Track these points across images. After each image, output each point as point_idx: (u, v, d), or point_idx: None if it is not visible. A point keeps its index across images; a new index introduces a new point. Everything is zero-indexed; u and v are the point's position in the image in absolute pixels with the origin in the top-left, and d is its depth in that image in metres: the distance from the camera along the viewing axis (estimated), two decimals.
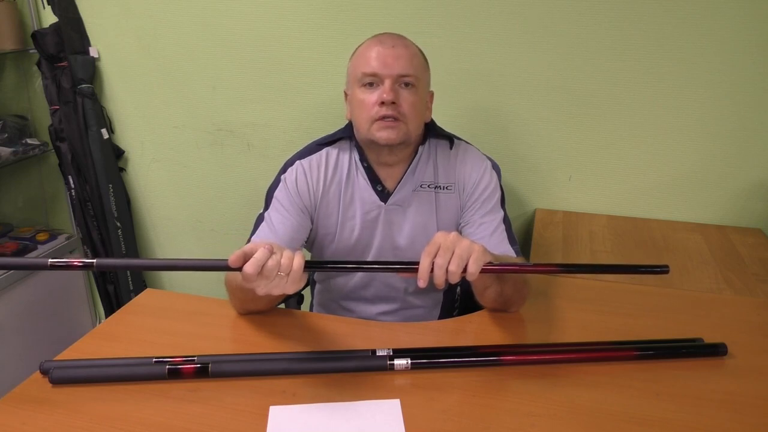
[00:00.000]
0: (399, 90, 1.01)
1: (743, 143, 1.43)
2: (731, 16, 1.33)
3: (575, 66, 1.45)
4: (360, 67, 1.03)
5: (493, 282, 0.92)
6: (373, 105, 1.01)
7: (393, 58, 1.00)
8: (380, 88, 1.01)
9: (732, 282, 1.19)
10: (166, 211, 1.96)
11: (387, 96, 0.99)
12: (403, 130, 1.02)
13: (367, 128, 1.03)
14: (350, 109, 1.08)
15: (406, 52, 1.02)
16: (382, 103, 1.00)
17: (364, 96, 1.03)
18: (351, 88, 1.07)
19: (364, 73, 1.02)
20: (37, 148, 1.90)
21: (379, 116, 1.01)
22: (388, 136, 1.02)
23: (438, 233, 0.80)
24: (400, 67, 1.01)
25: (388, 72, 1.00)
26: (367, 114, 1.02)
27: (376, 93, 1.01)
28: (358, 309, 1.20)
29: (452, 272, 0.76)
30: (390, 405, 0.77)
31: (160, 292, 1.13)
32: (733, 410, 0.77)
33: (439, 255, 0.77)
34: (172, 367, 0.82)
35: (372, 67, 1.01)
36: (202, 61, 1.70)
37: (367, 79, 1.02)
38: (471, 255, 0.77)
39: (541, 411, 0.76)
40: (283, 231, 1.06)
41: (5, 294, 1.78)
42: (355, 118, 1.06)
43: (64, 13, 1.71)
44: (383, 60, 1.00)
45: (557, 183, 1.58)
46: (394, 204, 1.11)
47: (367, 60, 1.02)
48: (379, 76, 1.01)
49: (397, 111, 1.01)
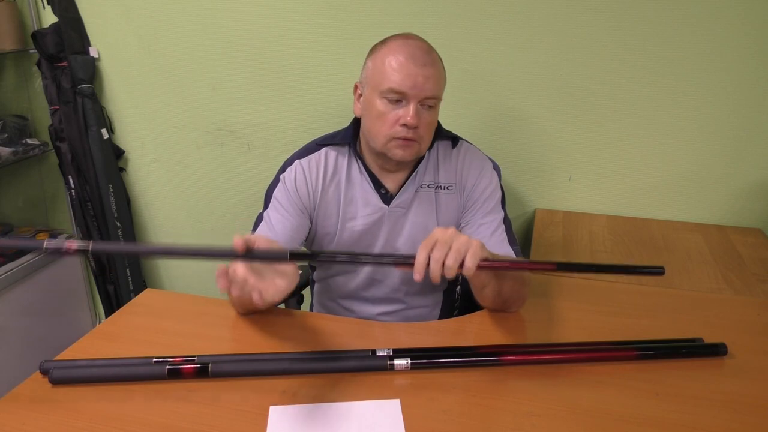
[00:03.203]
0: (421, 111, 1.00)
1: (743, 143, 1.43)
2: (732, 17, 1.33)
3: (575, 66, 1.45)
4: (386, 81, 0.99)
5: (491, 280, 0.92)
6: (393, 123, 1.00)
7: (423, 79, 0.98)
8: (403, 106, 0.99)
9: (732, 282, 1.19)
10: (166, 211, 1.96)
11: (411, 121, 0.98)
12: (416, 149, 1.02)
13: (383, 143, 1.02)
14: (364, 112, 1.05)
15: (435, 73, 1.00)
16: (404, 125, 0.99)
17: (385, 110, 1.00)
18: (369, 92, 1.03)
19: (391, 89, 0.98)
20: (37, 148, 1.90)
21: (399, 136, 1.00)
22: (402, 155, 1.02)
23: (436, 229, 0.80)
24: (428, 90, 0.99)
25: (415, 93, 0.98)
26: (387, 130, 1.01)
27: (398, 111, 0.99)
28: (358, 309, 1.20)
29: (449, 266, 0.76)
30: (390, 405, 0.77)
31: (160, 292, 1.13)
32: (733, 410, 0.77)
33: (436, 248, 0.77)
34: (172, 367, 0.82)
35: (400, 85, 0.98)
36: (202, 61, 1.70)
37: (393, 95, 0.99)
38: (468, 250, 0.77)
39: (541, 411, 0.76)
40: (281, 230, 1.06)
41: (5, 294, 1.78)
42: (371, 126, 1.04)
43: (64, 13, 1.71)
44: (413, 81, 0.97)
45: (557, 183, 1.58)
46: (398, 207, 1.11)
47: (396, 75, 0.98)
48: (406, 96, 0.99)
49: (416, 134, 1.00)
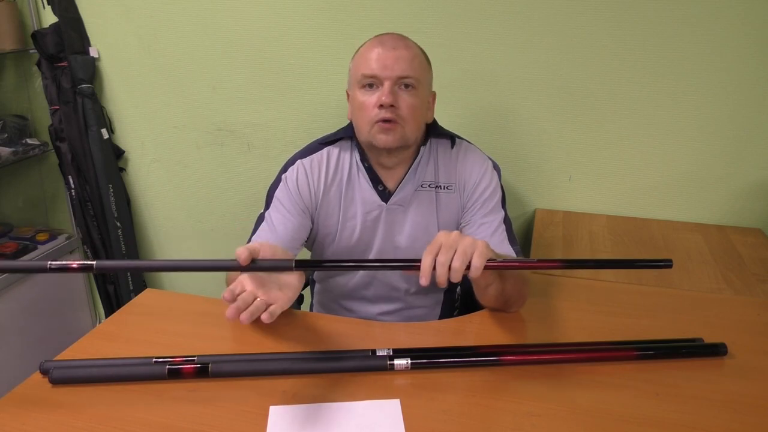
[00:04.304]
0: (398, 92, 1.01)
1: (743, 143, 1.43)
2: (732, 17, 1.33)
3: (575, 66, 1.45)
4: (360, 69, 1.02)
5: (495, 279, 0.92)
6: (372, 107, 1.01)
7: (393, 59, 1.00)
8: (380, 90, 1.01)
9: (732, 282, 1.19)
10: (166, 211, 1.96)
11: (386, 99, 0.99)
12: (399, 133, 1.02)
13: (367, 131, 1.03)
14: (351, 110, 1.08)
15: (407, 54, 1.01)
16: (381, 106, 1.00)
17: (364, 98, 1.02)
18: (352, 89, 1.06)
19: (364, 75, 1.01)
20: (37, 148, 1.90)
21: (378, 119, 1.01)
22: (386, 140, 1.02)
23: (440, 233, 0.80)
24: (400, 69, 1.00)
25: (387, 74, 1.00)
26: (367, 116, 1.02)
27: (375, 95, 1.01)
28: (358, 309, 1.20)
29: (456, 269, 0.76)
30: (390, 405, 0.77)
31: (160, 292, 1.13)
32: (733, 410, 0.77)
33: (441, 253, 0.77)
34: (172, 367, 0.82)
35: (371, 68, 1.00)
36: (202, 61, 1.70)
37: (366, 80, 1.01)
38: (475, 251, 0.77)
39: (541, 411, 0.76)
40: (283, 231, 1.06)
41: (5, 294, 1.78)
42: (356, 119, 1.06)
43: (64, 13, 1.71)
44: (383, 62, 1.00)
45: (557, 183, 1.58)
46: (396, 204, 1.11)
47: (367, 61, 1.01)
48: (378, 77, 1.00)
49: (395, 114, 1.00)
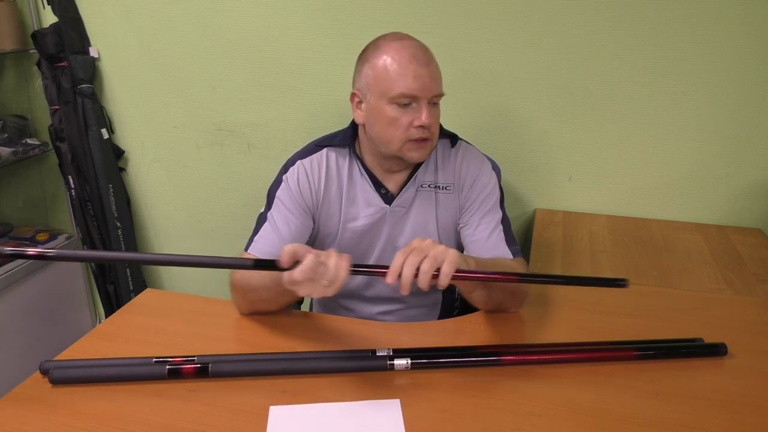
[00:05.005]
0: (431, 110, 1.00)
1: (743, 143, 1.43)
2: (732, 17, 1.33)
3: (575, 66, 1.45)
4: (396, 86, 0.98)
5: (477, 287, 0.93)
6: (407, 126, 1.00)
7: (430, 78, 0.98)
8: (413, 107, 0.99)
9: (732, 282, 1.19)
10: (166, 211, 1.96)
11: (426, 120, 0.98)
12: (430, 147, 1.03)
13: (398, 147, 1.02)
14: (371, 120, 1.04)
15: (437, 69, 1.01)
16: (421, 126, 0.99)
17: (397, 114, 0.99)
18: (375, 100, 1.01)
19: (402, 94, 0.97)
20: (37, 148, 1.90)
21: (415, 138, 1.00)
22: (420, 156, 1.02)
23: (416, 239, 0.81)
24: (436, 88, 0.99)
25: (426, 94, 0.98)
26: (402, 134, 1.00)
27: (410, 113, 0.99)
28: (358, 309, 1.20)
29: (424, 271, 0.77)
30: (390, 405, 0.77)
31: (160, 292, 1.13)
32: (733, 410, 0.77)
33: (413, 254, 0.78)
34: (172, 367, 0.82)
35: (410, 88, 0.97)
36: (202, 61, 1.70)
37: (404, 100, 0.99)
38: (445, 258, 0.78)
39: (541, 411, 0.76)
40: (286, 231, 1.06)
41: (5, 294, 1.78)
42: (382, 132, 1.02)
43: (64, 13, 1.71)
44: (422, 82, 0.97)
45: (557, 183, 1.58)
46: (399, 206, 1.11)
47: (404, 80, 0.97)
48: (417, 98, 0.98)
49: (430, 132, 1.01)
